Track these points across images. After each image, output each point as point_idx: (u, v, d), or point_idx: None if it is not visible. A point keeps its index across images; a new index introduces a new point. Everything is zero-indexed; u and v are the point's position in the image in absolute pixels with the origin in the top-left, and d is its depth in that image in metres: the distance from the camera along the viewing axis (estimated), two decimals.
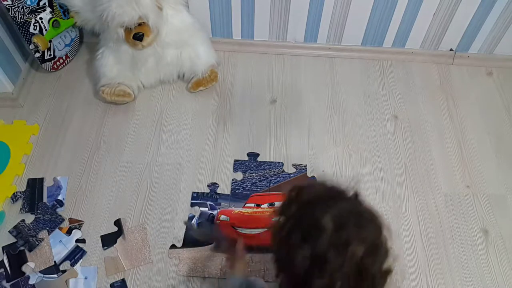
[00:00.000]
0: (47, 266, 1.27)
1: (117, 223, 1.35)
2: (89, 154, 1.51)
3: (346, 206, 0.72)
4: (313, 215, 0.70)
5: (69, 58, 1.76)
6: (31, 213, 1.37)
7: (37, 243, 1.31)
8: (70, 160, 1.49)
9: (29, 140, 1.54)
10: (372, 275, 0.70)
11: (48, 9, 1.60)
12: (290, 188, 0.78)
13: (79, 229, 1.34)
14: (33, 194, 1.41)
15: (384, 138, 1.58)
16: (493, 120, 1.63)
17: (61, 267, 1.27)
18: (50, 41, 1.64)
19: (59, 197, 1.40)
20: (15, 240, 1.31)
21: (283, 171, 1.48)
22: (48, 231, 1.33)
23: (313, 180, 0.80)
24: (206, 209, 1.39)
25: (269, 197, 1.41)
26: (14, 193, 1.41)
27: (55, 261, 1.28)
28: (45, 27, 1.60)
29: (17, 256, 1.29)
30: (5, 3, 1.46)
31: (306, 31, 1.76)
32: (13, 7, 1.49)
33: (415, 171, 1.49)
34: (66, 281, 1.24)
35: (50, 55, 1.67)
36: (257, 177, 1.46)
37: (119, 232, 1.34)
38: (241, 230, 1.31)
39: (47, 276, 1.25)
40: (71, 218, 1.36)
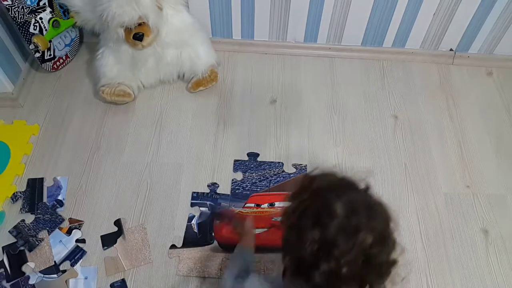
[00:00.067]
0: (47, 266, 1.27)
1: (117, 223, 1.35)
2: (89, 154, 1.51)
3: (357, 196, 0.74)
4: (325, 201, 0.71)
5: (69, 58, 1.76)
6: (31, 213, 1.37)
7: (37, 243, 1.31)
8: (70, 160, 1.49)
9: (29, 140, 1.54)
10: (379, 264, 0.71)
11: (48, 9, 1.60)
12: (303, 176, 0.79)
13: (79, 229, 1.34)
14: (33, 194, 1.41)
15: (384, 138, 1.58)
16: (493, 120, 1.63)
17: (61, 267, 1.27)
18: (50, 41, 1.64)
19: (59, 197, 1.40)
20: (15, 240, 1.31)
21: (283, 171, 1.48)
22: (48, 231, 1.33)
23: (326, 170, 0.81)
24: (206, 209, 1.39)
25: (269, 197, 1.41)
26: (14, 193, 1.41)
27: (55, 261, 1.28)
28: (45, 27, 1.60)
29: (17, 256, 1.29)
30: (5, 3, 1.46)
31: (306, 31, 1.76)
32: (13, 7, 1.49)
33: (415, 171, 1.49)
34: (66, 281, 1.24)
35: (50, 55, 1.67)
36: (257, 177, 1.46)
37: (119, 232, 1.34)
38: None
39: (47, 276, 1.25)
40: (71, 218, 1.36)
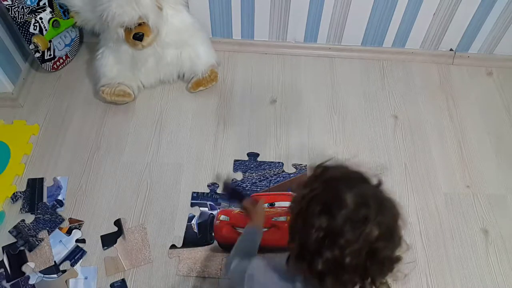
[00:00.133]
0: (47, 266, 1.27)
1: (117, 223, 1.35)
2: (89, 154, 1.51)
3: (369, 189, 0.75)
4: (336, 191, 0.72)
5: (69, 58, 1.76)
6: (31, 213, 1.37)
7: (37, 243, 1.31)
8: (70, 160, 1.49)
9: (29, 140, 1.54)
10: (382, 258, 0.71)
11: (48, 9, 1.60)
12: (316, 166, 0.80)
13: (79, 229, 1.34)
14: (33, 194, 1.41)
15: (384, 138, 1.58)
16: (493, 120, 1.63)
17: (61, 267, 1.27)
18: (50, 41, 1.64)
19: (59, 197, 1.40)
20: (15, 240, 1.32)
21: (283, 171, 1.48)
22: (48, 231, 1.33)
23: (339, 162, 0.82)
24: (206, 209, 1.39)
25: (269, 197, 1.41)
26: (14, 193, 1.41)
27: (55, 261, 1.28)
28: (45, 27, 1.60)
29: (17, 256, 1.29)
30: (5, 3, 1.46)
31: (306, 31, 1.76)
32: (13, 7, 1.49)
33: (415, 171, 1.49)
34: (66, 281, 1.25)
35: (50, 55, 1.67)
36: (257, 177, 1.46)
37: (119, 232, 1.34)
38: (241, 230, 1.31)
39: (47, 276, 1.25)
40: (71, 218, 1.36)
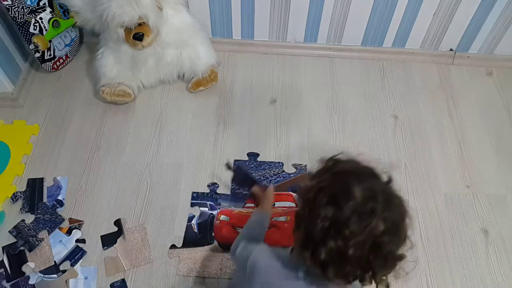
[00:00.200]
0: (47, 266, 1.27)
1: (117, 223, 1.35)
2: (89, 154, 1.51)
3: (378, 184, 0.75)
4: (346, 183, 0.72)
5: (69, 58, 1.76)
6: (31, 213, 1.37)
7: (37, 243, 1.31)
8: (70, 160, 1.49)
9: (29, 140, 1.54)
10: (385, 254, 0.71)
11: (48, 9, 1.60)
12: (327, 159, 0.80)
13: (79, 229, 1.34)
14: (33, 194, 1.41)
15: (384, 138, 1.58)
16: (493, 120, 1.63)
17: (61, 267, 1.27)
18: (50, 41, 1.64)
19: (59, 197, 1.40)
20: (15, 240, 1.32)
21: (283, 171, 1.48)
22: (48, 231, 1.33)
23: (351, 156, 0.82)
24: (206, 209, 1.38)
25: None
26: (14, 193, 1.41)
27: (55, 261, 1.28)
28: (45, 27, 1.60)
29: (17, 256, 1.29)
30: (5, 3, 1.46)
31: (306, 31, 1.76)
32: (13, 7, 1.49)
33: (415, 171, 1.49)
34: (66, 281, 1.25)
35: (50, 55, 1.67)
36: (257, 177, 1.46)
37: (119, 232, 1.34)
38: (241, 230, 1.30)
39: (47, 276, 1.25)
40: (71, 218, 1.36)
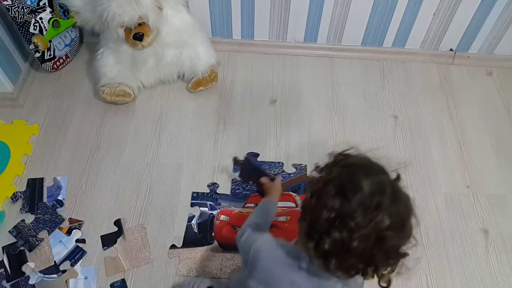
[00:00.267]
0: (47, 266, 1.27)
1: (117, 223, 1.35)
2: (89, 154, 1.51)
3: (387, 180, 0.75)
4: (354, 175, 0.72)
5: (69, 58, 1.76)
6: (31, 213, 1.37)
7: (37, 243, 1.31)
8: (70, 160, 1.49)
9: (29, 140, 1.54)
10: (389, 248, 0.71)
11: (48, 9, 1.60)
12: (337, 153, 0.81)
13: (79, 229, 1.34)
14: (33, 194, 1.41)
15: (384, 138, 1.58)
16: (493, 120, 1.63)
17: (61, 267, 1.27)
18: (50, 41, 1.64)
19: (59, 197, 1.40)
20: (15, 240, 1.31)
21: (283, 171, 1.48)
22: (48, 231, 1.33)
23: (361, 152, 0.83)
24: (206, 209, 1.38)
25: None
26: (14, 193, 1.41)
27: (55, 261, 1.28)
28: (45, 27, 1.60)
29: (17, 256, 1.29)
30: (5, 3, 1.46)
31: (306, 31, 1.76)
32: (13, 7, 1.49)
33: (415, 171, 1.49)
34: (66, 281, 1.25)
35: (50, 55, 1.67)
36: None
37: (119, 232, 1.34)
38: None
39: (47, 276, 1.25)
40: (71, 218, 1.36)
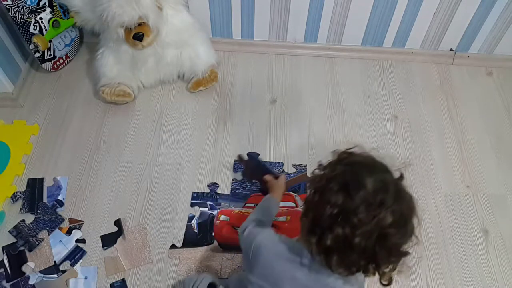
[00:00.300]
0: (47, 266, 1.27)
1: (117, 223, 1.35)
2: (89, 154, 1.51)
3: (391, 178, 0.75)
4: (358, 173, 0.73)
5: (69, 58, 1.76)
6: (31, 213, 1.37)
7: (37, 243, 1.31)
8: (70, 160, 1.49)
9: (29, 140, 1.54)
10: (391, 246, 0.71)
11: (48, 9, 1.60)
12: (341, 151, 0.82)
13: (79, 229, 1.34)
14: (33, 194, 1.41)
15: (384, 138, 1.58)
16: (493, 120, 1.63)
17: (61, 267, 1.27)
18: (50, 41, 1.64)
19: (59, 197, 1.40)
20: (15, 240, 1.31)
21: (283, 171, 1.48)
22: (48, 231, 1.33)
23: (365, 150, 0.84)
24: (206, 209, 1.38)
25: None
26: (14, 193, 1.41)
27: (55, 261, 1.28)
28: (45, 27, 1.60)
29: (17, 256, 1.29)
30: (5, 3, 1.46)
31: (306, 31, 1.76)
32: (13, 7, 1.48)
33: (415, 171, 1.49)
34: (66, 281, 1.24)
35: (50, 55, 1.67)
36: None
37: (119, 232, 1.34)
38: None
39: (47, 276, 1.25)
40: (71, 218, 1.36)
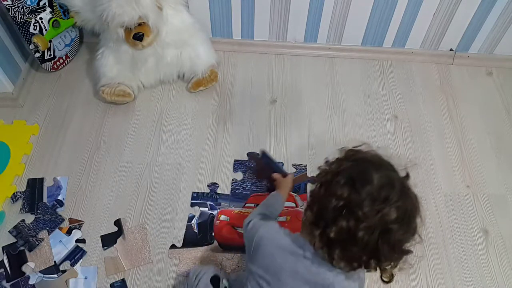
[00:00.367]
0: (47, 266, 1.27)
1: (117, 223, 1.35)
2: (89, 154, 1.51)
3: (396, 176, 0.77)
4: (365, 168, 0.74)
5: (69, 58, 1.76)
6: (31, 213, 1.37)
7: (37, 243, 1.31)
8: (70, 160, 1.49)
9: (29, 140, 1.54)
10: (393, 242, 0.72)
11: (48, 9, 1.60)
12: (348, 149, 0.84)
13: (79, 229, 1.34)
14: (33, 194, 1.41)
15: (384, 138, 1.58)
16: (493, 120, 1.63)
17: (61, 267, 1.27)
18: (50, 41, 1.64)
19: (59, 197, 1.40)
20: (15, 240, 1.31)
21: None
22: (48, 231, 1.33)
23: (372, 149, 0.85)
24: (206, 209, 1.38)
25: None
26: (14, 193, 1.41)
27: (55, 261, 1.28)
28: (45, 27, 1.60)
29: (17, 256, 1.29)
30: (5, 3, 1.46)
31: (306, 31, 1.76)
32: (13, 7, 1.49)
33: (415, 171, 1.48)
34: (66, 281, 1.24)
35: (50, 55, 1.67)
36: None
37: (119, 232, 1.34)
38: (241, 230, 1.31)
39: (47, 276, 1.25)
40: (71, 218, 1.36)
